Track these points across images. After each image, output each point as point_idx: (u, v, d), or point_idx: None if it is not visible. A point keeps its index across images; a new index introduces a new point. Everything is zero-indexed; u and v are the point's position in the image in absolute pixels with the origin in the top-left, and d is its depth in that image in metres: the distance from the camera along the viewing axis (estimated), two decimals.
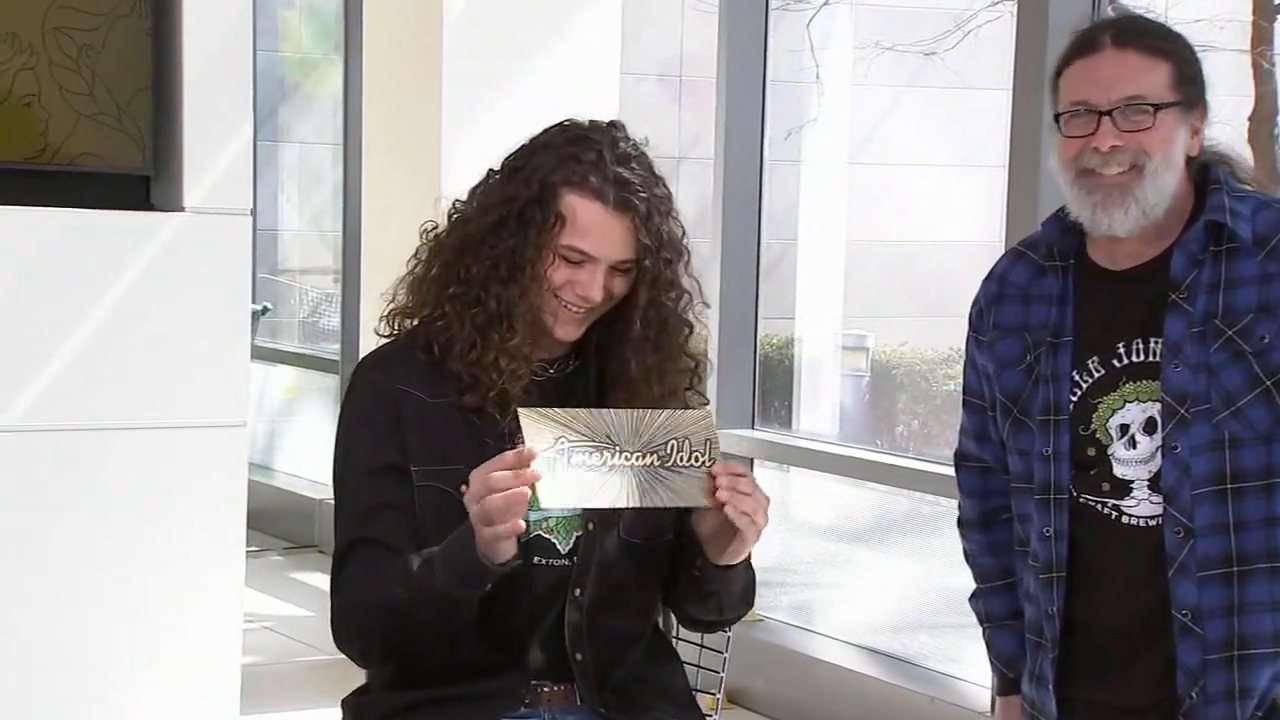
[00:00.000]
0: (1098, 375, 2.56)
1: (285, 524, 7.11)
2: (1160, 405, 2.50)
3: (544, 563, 2.53)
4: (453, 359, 2.53)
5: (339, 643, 2.56)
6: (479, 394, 2.52)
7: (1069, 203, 2.55)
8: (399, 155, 5.97)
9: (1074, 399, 2.57)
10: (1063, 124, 2.53)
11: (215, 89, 3.97)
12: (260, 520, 6.14)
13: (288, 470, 7.96)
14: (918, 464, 5.04)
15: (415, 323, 2.61)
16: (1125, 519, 2.54)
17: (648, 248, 2.52)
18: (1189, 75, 2.52)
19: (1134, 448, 2.53)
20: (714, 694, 3.08)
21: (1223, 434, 2.48)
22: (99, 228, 3.90)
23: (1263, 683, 2.50)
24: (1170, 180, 2.50)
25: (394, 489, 2.52)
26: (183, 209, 3.95)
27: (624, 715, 2.57)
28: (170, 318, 3.93)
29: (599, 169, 2.50)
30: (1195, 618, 2.49)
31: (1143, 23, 2.58)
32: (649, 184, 2.53)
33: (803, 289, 9.49)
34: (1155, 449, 2.51)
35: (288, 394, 8.51)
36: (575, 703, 2.56)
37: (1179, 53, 2.53)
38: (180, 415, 3.94)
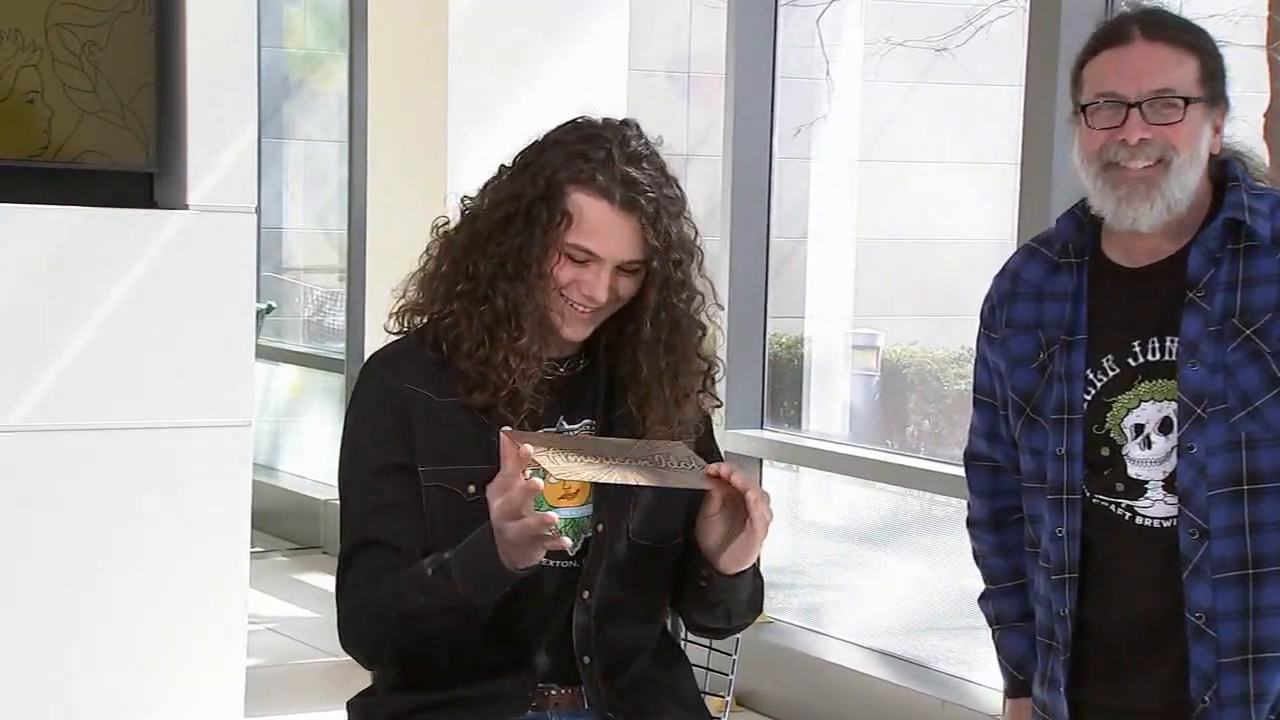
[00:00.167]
0: (1112, 374, 2.54)
1: (290, 525, 7.09)
2: (1176, 405, 2.48)
3: (553, 564, 2.50)
4: (461, 357, 2.51)
5: (345, 645, 2.55)
6: (488, 393, 2.50)
7: (1091, 196, 2.52)
8: (404, 152, 5.96)
9: (1088, 398, 2.55)
10: (1088, 116, 2.49)
11: (219, 86, 3.95)
12: (265, 521, 6.14)
13: (292, 471, 7.94)
14: (929, 464, 5.03)
15: (425, 320, 2.59)
16: (1139, 520, 2.52)
17: (656, 249, 2.49)
18: (1215, 71, 2.50)
19: (1149, 448, 2.51)
20: (723, 697, 3.08)
21: (1239, 434, 2.46)
22: (102, 226, 3.88)
23: (1277, 687, 2.48)
24: (1194, 176, 2.49)
25: (400, 489, 2.50)
26: (186, 207, 3.93)
27: (631, 719, 2.55)
28: (174, 317, 3.92)
29: (607, 167, 2.48)
30: (1209, 620, 2.47)
31: (1170, 16, 2.56)
32: (659, 184, 2.50)
33: (812, 287, 9.46)
34: (1170, 449, 2.49)
35: (292, 393, 8.49)
36: (582, 706, 2.55)
37: (1205, 48, 2.51)
38: (184, 415, 3.92)
